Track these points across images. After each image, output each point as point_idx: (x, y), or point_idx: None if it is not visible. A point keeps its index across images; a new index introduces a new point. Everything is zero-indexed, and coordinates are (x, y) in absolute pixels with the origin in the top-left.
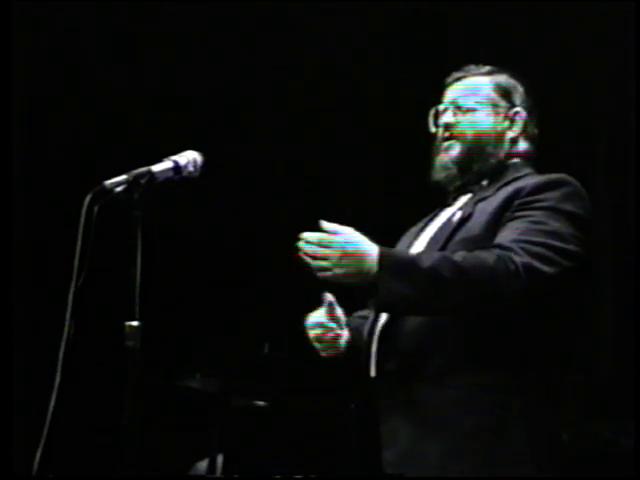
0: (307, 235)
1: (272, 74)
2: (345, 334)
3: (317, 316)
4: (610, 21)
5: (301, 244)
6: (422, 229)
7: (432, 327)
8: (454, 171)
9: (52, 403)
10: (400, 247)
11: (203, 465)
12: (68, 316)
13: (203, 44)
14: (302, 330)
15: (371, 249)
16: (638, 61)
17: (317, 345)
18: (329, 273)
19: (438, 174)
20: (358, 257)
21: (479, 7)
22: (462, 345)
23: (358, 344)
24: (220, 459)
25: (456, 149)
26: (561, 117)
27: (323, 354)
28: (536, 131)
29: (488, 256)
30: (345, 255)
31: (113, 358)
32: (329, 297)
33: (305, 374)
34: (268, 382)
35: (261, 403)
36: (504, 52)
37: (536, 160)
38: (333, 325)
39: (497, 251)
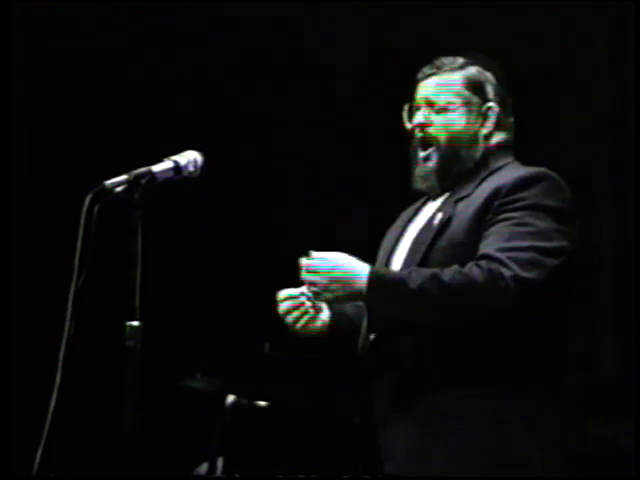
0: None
1: (272, 74)
2: (323, 315)
3: (289, 290)
4: (610, 21)
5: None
6: (406, 226)
7: (428, 337)
8: (433, 181)
9: (52, 403)
10: (383, 251)
11: (203, 469)
12: (68, 316)
13: (204, 44)
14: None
15: (360, 271)
16: (638, 61)
17: (288, 320)
18: (321, 297)
19: (418, 184)
20: (346, 280)
21: (479, 7)
22: (459, 354)
23: (346, 327)
24: (220, 462)
25: (433, 160)
26: (561, 117)
27: (297, 331)
28: (511, 119)
29: (477, 274)
30: (332, 280)
31: (113, 358)
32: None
33: (306, 374)
34: (268, 382)
35: (261, 403)
36: (504, 52)
37: (514, 146)
38: (303, 299)
39: (486, 266)
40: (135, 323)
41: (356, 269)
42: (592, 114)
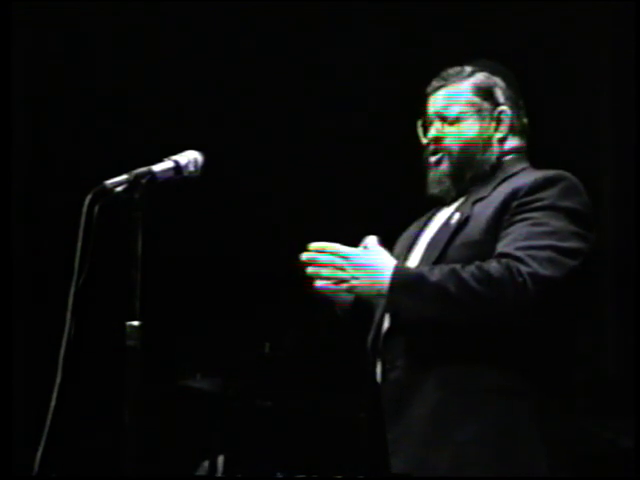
0: (323, 244)
1: (272, 74)
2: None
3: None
4: (610, 21)
5: (313, 253)
6: (420, 231)
7: (437, 332)
8: (447, 184)
9: (53, 403)
10: (399, 250)
11: (204, 467)
12: (69, 316)
13: (204, 44)
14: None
15: (388, 264)
16: (638, 61)
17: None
18: (344, 285)
19: (433, 189)
20: (374, 270)
21: (479, 7)
22: (469, 349)
23: (366, 307)
24: (221, 460)
25: (445, 163)
26: (562, 118)
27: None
28: (525, 121)
29: (496, 270)
30: (362, 267)
31: (113, 358)
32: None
33: (307, 374)
34: (269, 382)
35: (262, 403)
36: (504, 52)
37: (529, 152)
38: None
39: (505, 262)
40: (135, 323)
41: (384, 261)
42: (593, 116)
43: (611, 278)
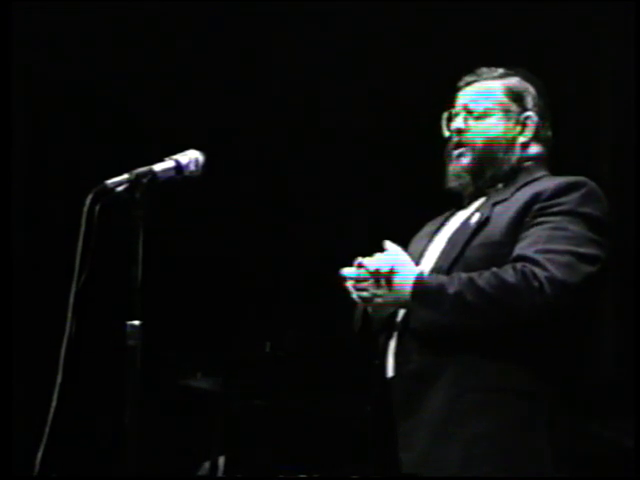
0: (345, 271)
1: (273, 74)
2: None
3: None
4: (610, 21)
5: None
6: (437, 231)
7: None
8: (466, 179)
9: (53, 403)
10: (414, 249)
11: (205, 468)
12: (70, 315)
13: (204, 44)
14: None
15: (408, 277)
16: (638, 62)
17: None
18: (372, 303)
19: (451, 182)
20: (394, 288)
21: (478, 7)
22: (482, 348)
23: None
24: (222, 460)
25: (467, 158)
26: (562, 118)
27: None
28: (549, 133)
29: (511, 276)
30: (381, 287)
31: (114, 357)
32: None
33: (307, 374)
34: (269, 382)
35: (262, 403)
36: (503, 51)
37: (550, 162)
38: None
39: (520, 267)
40: (136, 322)
41: (403, 276)
42: (592, 117)
43: (611, 278)
